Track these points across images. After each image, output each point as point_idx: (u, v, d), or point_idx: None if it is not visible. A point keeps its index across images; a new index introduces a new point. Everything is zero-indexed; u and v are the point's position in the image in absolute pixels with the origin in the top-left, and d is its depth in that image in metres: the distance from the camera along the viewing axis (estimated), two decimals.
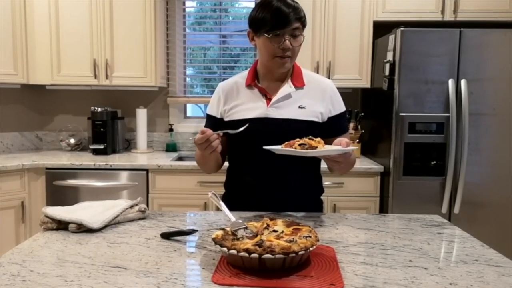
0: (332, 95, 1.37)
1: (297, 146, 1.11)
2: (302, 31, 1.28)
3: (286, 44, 1.24)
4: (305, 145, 1.11)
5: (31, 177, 2.47)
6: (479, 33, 2.28)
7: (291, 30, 1.25)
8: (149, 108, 3.07)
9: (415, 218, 1.31)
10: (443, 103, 2.29)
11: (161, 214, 1.32)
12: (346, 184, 2.46)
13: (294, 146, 1.12)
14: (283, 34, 1.24)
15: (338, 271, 0.87)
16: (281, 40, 1.24)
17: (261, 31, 1.26)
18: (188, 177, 2.48)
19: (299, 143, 1.12)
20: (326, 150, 1.13)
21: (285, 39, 1.24)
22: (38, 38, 2.69)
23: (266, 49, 1.28)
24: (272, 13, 1.23)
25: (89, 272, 0.87)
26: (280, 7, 1.23)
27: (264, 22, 1.24)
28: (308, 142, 1.12)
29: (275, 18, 1.23)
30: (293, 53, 1.28)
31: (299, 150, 1.10)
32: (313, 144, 1.11)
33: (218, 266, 0.89)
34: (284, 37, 1.24)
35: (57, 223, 1.14)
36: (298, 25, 1.25)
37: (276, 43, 1.25)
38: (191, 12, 3.19)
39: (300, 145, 1.11)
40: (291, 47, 1.25)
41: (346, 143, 1.14)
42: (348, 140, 1.17)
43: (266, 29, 1.24)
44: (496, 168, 2.33)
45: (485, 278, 0.86)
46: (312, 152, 1.09)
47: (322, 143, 1.15)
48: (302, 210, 1.36)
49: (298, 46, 1.28)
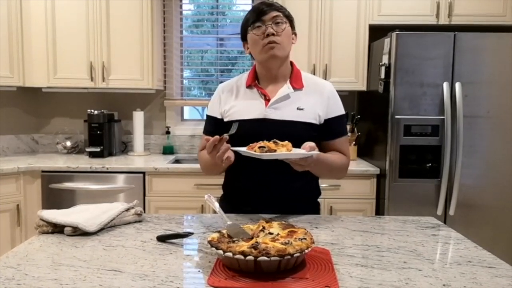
0: (330, 98, 1.38)
1: (257, 149, 1.13)
2: (285, 21, 1.33)
3: (269, 29, 1.30)
4: (265, 148, 1.12)
5: (26, 180, 2.46)
6: (473, 37, 2.30)
7: (272, 18, 1.31)
8: (146, 111, 3.07)
9: (410, 220, 1.32)
10: (438, 105, 2.31)
11: (157, 217, 1.32)
12: (342, 187, 2.46)
13: (254, 149, 1.14)
14: (264, 23, 1.31)
15: (333, 273, 0.87)
16: (263, 28, 1.31)
17: (247, 31, 1.34)
18: (185, 179, 2.48)
19: (259, 145, 1.14)
20: (282, 154, 1.13)
21: (267, 26, 1.30)
22: (34, 40, 2.68)
23: (254, 44, 1.33)
24: (252, 11, 1.35)
25: (84, 276, 0.87)
26: (257, 5, 1.34)
27: (247, 21, 1.35)
28: (267, 145, 1.13)
29: (255, 13, 1.33)
30: (280, 41, 1.31)
31: (256, 153, 1.11)
32: (272, 147, 1.13)
33: (214, 269, 0.89)
34: (265, 25, 1.31)
35: (52, 226, 1.13)
36: (278, 13, 1.32)
37: (260, 33, 1.31)
38: (188, 15, 3.20)
39: (260, 147, 1.13)
40: (275, 33, 1.30)
41: (310, 147, 1.16)
42: (312, 145, 1.17)
43: (249, 26, 1.33)
44: (491, 170, 2.34)
45: (478, 279, 0.87)
46: (266, 155, 1.11)
47: (287, 146, 1.16)
48: (299, 212, 1.36)
49: (283, 31, 1.31)
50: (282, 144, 1.16)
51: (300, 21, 2.64)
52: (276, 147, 1.14)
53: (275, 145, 1.15)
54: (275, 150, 1.13)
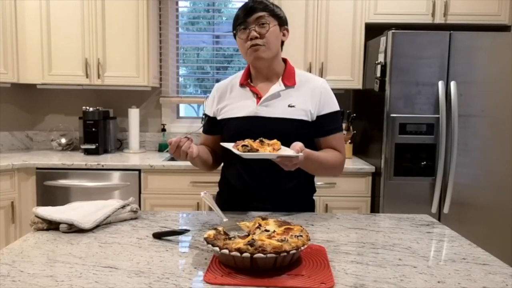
0: (322, 94, 1.36)
1: (240, 147, 1.14)
2: (271, 20, 1.31)
3: (252, 33, 1.29)
4: (247, 147, 1.13)
5: (21, 177, 2.44)
6: (468, 36, 2.32)
7: (255, 20, 1.30)
8: (142, 108, 3.05)
9: (405, 218, 1.33)
10: (433, 104, 2.32)
11: (153, 214, 1.32)
12: (338, 184, 2.47)
13: (238, 147, 1.14)
14: (248, 25, 1.30)
15: (329, 270, 0.88)
16: (247, 32, 1.30)
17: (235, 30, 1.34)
18: (181, 177, 2.48)
19: (243, 144, 1.14)
20: (263, 154, 1.13)
21: (251, 29, 1.30)
22: (29, 37, 2.66)
23: (241, 46, 1.34)
24: (240, 9, 1.34)
25: (80, 272, 0.86)
26: (245, 4, 1.33)
27: (235, 20, 1.35)
28: (250, 144, 1.14)
29: (241, 13, 1.33)
30: (266, 42, 1.30)
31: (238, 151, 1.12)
32: (255, 146, 1.13)
33: (210, 266, 0.89)
34: (249, 28, 1.30)
35: (47, 223, 1.13)
36: (263, 13, 1.30)
37: (244, 35, 1.31)
38: (184, 12, 3.18)
39: (243, 146, 1.13)
40: (258, 36, 1.29)
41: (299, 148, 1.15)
42: (301, 146, 1.16)
43: (236, 27, 1.33)
44: (485, 169, 2.37)
45: (472, 276, 0.88)
46: (247, 154, 1.11)
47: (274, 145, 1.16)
48: (294, 210, 1.37)
49: (267, 32, 1.30)
50: (268, 143, 1.16)
51: (296, 20, 2.64)
52: (259, 146, 1.14)
53: (260, 144, 1.15)
54: (257, 150, 1.13)
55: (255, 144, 1.14)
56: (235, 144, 1.18)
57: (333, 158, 1.35)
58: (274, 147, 1.16)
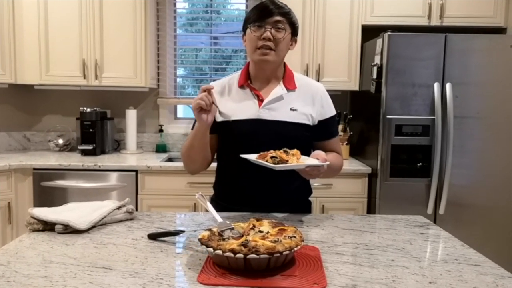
0: (323, 99, 1.39)
1: (269, 158, 1.14)
2: (287, 27, 1.31)
3: (267, 34, 1.28)
4: (277, 158, 1.13)
5: (18, 177, 2.44)
6: (464, 38, 2.33)
7: (273, 23, 1.29)
8: (139, 109, 3.06)
9: (399, 219, 1.34)
10: (429, 106, 2.34)
11: (149, 215, 1.32)
12: (334, 185, 2.48)
13: (266, 159, 1.14)
14: (265, 25, 1.29)
15: (322, 271, 0.89)
16: (262, 30, 1.29)
17: (248, 26, 1.32)
18: (178, 178, 2.48)
19: (271, 155, 1.14)
20: (295, 165, 1.15)
21: (266, 29, 1.28)
22: (27, 37, 2.66)
23: (250, 41, 1.32)
24: (257, 9, 1.32)
25: (74, 273, 0.87)
26: (265, 3, 1.31)
27: (250, 17, 1.33)
28: (279, 156, 1.14)
29: (259, 11, 1.31)
30: (276, 46, 1.30)
31: (269, 164, 1.12)
32: (284, 157, 1.14)
33: (204, 267, 0.90)
34: (265, 27, 1.28)
35: (43, 224, 1.13)
36: (282, 19, 1.30)
37: (258, 33, 1.29)
38: (182, 13, 3.19)
39: (272, 157, 1.14)
40: (272, 38, 1.29)
41: (323, 158, 1.16)
42: (324, 154, 1.18)
43: (250, 23, 1.31)
44: (480, 170, 2.38)
45: (464, 277, 0.89)
46: (279, 166, 1.11)
47: (297, 155, 1.17)
48: (291, 211, 1.37)
49: (281, 39, 1.30)
50: (292, 153, 1.17)
51: None
52: (287, 157, 1.15)
53: (286, 154, 1.16)
54: (287, 160, 1.14)
55: (284, 155, 1.15)
56: (259, 155, 1.18)
57: (338, 160, 1.40)
58: (298, 156, 1.17)
